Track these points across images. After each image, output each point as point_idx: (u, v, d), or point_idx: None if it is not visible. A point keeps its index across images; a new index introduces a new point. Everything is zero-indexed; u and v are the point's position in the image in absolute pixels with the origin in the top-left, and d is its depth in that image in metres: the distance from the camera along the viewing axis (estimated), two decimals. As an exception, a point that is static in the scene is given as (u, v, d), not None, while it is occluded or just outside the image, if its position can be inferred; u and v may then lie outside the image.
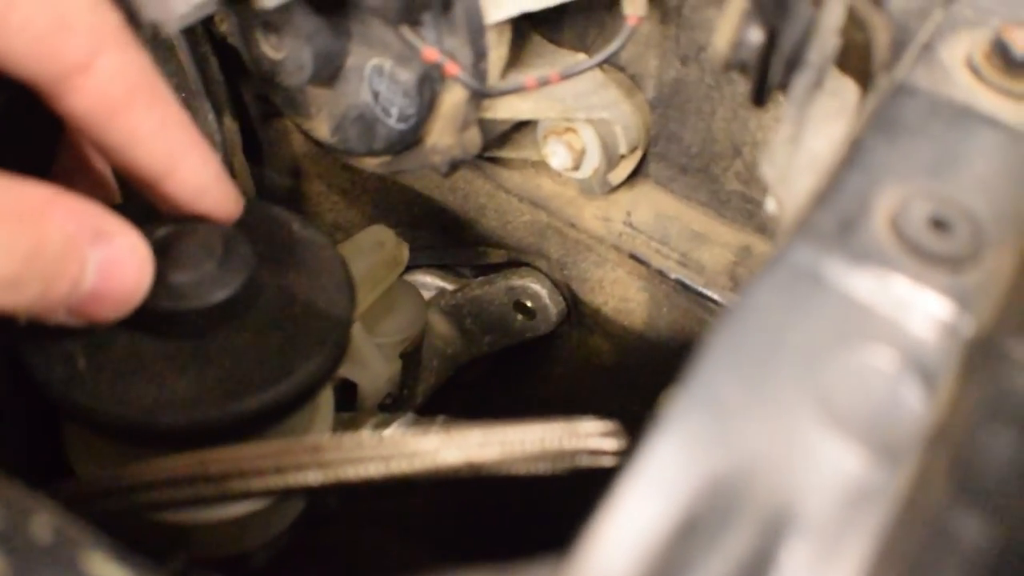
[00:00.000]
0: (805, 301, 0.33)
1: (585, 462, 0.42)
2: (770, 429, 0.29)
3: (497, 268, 0.74)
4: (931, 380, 0.31)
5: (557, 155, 0.64)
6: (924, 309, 0.33)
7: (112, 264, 0.42)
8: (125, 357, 0.47)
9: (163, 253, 0.48)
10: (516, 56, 0.60)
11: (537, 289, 0.71)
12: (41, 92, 0.43)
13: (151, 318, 0.47)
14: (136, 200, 0.50)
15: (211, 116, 0.70)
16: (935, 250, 0.35)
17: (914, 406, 0.31)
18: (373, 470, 0.41)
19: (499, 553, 0.31)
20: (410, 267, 0.70)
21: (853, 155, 0.38)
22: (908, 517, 0.28)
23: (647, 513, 0.27)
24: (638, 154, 0.65)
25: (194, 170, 0.47)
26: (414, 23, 0.54)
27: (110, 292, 0.43)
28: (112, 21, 0.43)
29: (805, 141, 0.44)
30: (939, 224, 0.35)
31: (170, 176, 0.46)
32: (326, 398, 0.56)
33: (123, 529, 0.38)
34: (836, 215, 0.35)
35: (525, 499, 0.59)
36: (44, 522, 0.29)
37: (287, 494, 0.46)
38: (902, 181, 0.37)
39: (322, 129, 0.62)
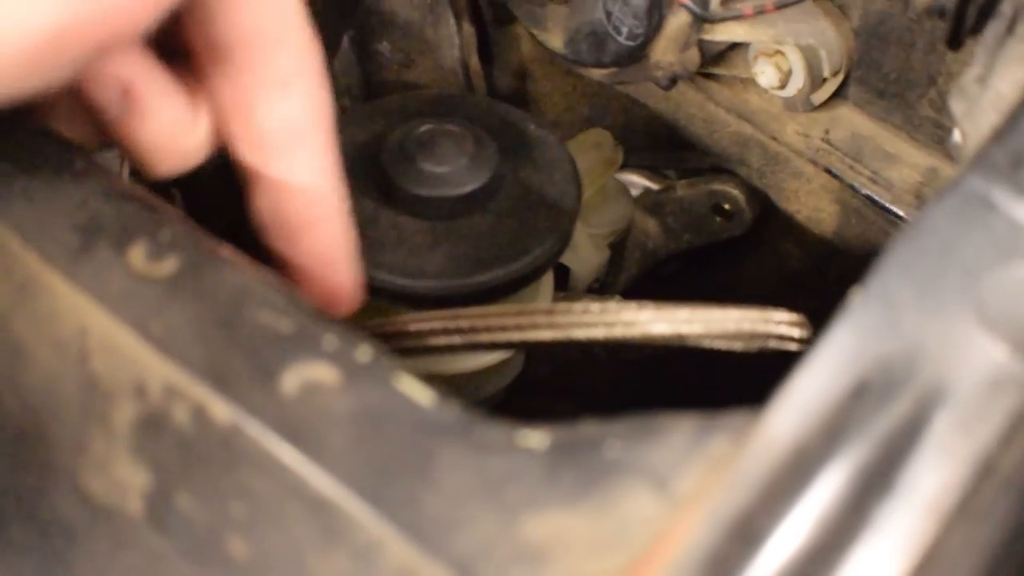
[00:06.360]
0: (974, 222, 0.38)
1: (773, 346, 0.47)
2: (932, 322, 0.36)
3: (700, 173, 0.79)
4: (1076, 296, 0.37)
5: (765, 74, 0.69)
6: (1077, 236, 0.39)
7: None
8: (389, 231, 0.57)
9: (424, 146, 0.57)
10: (735, -17, 0.66)
11: (736, 194, 0.77)
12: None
13: (413, 201, 0.56)
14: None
15: (452, 21, 0.78)
16: (1093, 187, 0.40)
17: (1058, 315, 0.37)
18: (597, 333, 0.46)
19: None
20: (621, 167, 0.76)
21: (1032, 99, 0.43)
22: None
23: (827, 377, 0.34)
24: (840, 77, 0.70)
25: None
26: (648, -46, 0.60)
27: None
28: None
29: (993, 82, 0.49)
30: (1100, 166, 0.41)
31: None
32: (547, 278, 0.63)
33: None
34: (1010, 151, 0.41)
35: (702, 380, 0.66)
36: (365, 349, 0.37)
37: (523, 347, 0.53)
38: (1074, 125, 0.42)
39: (556, 40, 0.70)
